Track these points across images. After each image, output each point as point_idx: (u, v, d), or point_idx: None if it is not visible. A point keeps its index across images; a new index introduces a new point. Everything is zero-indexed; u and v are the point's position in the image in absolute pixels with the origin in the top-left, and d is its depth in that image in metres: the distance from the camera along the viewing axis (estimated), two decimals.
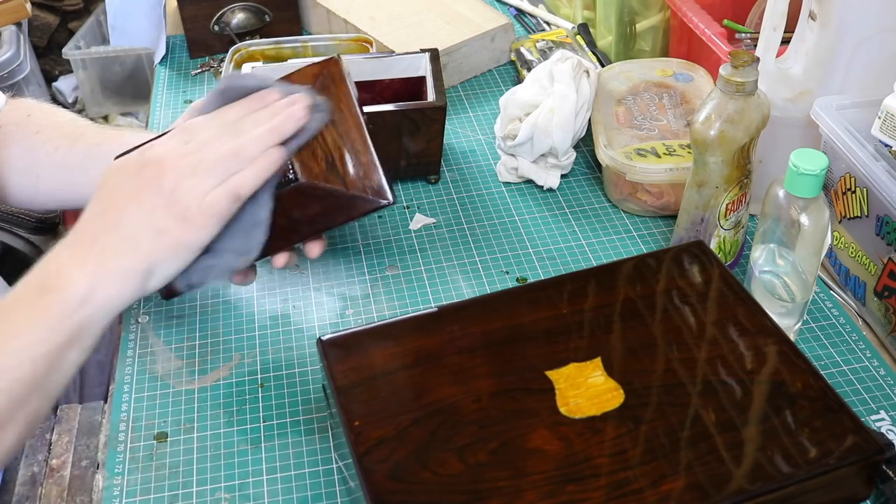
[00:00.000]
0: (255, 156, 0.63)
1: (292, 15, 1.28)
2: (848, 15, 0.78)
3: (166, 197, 0.61)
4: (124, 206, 0.62)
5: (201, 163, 0.62)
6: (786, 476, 0.55)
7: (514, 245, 0.91)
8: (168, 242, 0.61)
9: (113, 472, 0.69)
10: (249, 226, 0.66)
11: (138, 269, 0.61)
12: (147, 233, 0.61)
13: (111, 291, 0.60)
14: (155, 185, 0.61)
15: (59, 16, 2.37)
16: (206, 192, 0.61)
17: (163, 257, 0.62)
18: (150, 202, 0.61)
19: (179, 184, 0.61)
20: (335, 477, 0.69)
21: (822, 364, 0.77)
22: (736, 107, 0.73)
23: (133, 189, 0.62)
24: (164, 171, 0.61)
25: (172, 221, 0.61)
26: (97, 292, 0.60)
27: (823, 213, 0.70)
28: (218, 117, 0.65)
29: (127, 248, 0.61)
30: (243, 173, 0.63)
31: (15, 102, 0.88)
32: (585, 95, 0.95)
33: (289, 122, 0.65)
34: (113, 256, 0.61)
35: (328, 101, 0.68)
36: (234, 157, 0.63)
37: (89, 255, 0.61)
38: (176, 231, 0.61)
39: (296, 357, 0.79)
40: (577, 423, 0.59)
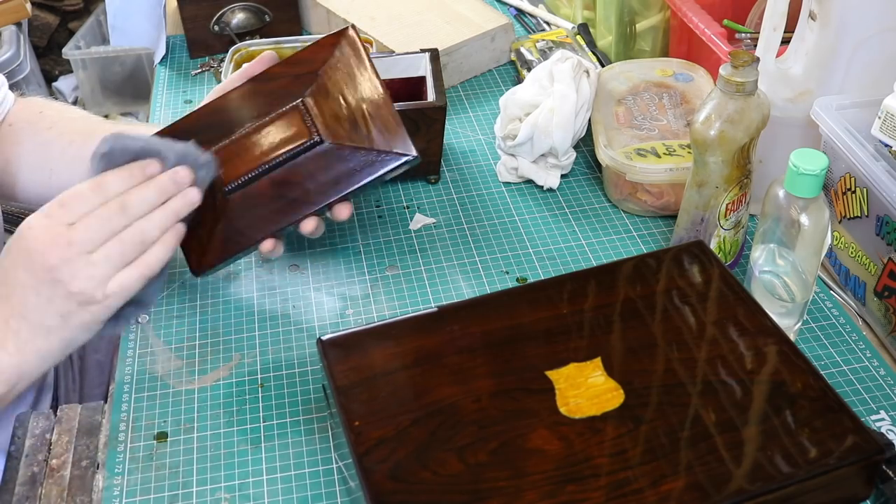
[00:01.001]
0: (157, 237, 0.63)
1: (292, 15, 1.28)
2: (848, 15, 0.78)
3: (64, 288, 0.61)
4: (24, 297, 0.62)
5: (97, 250, 0.61)
6: (786, 476, 0.55)
7: (514, 245, 0.91)
8: (76, 323, 0.62)
9: (113, 472, 0.69)
10: (158, 283, 0.67)
11: (54, 349, 0.63)
12: (54, 321, 0.62)
13: (33, 368, 0.64)
14: (48, 276, 0.60)
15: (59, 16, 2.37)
16: (108, 276, 0.61)
17: (75, 335, 0.63)
18: (46, 294, 0.61)
19: (75, 273, 0.60)
20: (335, 477, 0.69)
21: (822, 364, 0.77)
22: (736, 107, 0.73)
23: (27, 281, 0.61)
24: (53, 264, 0.60)
25: (76, 306, 0.62)
26: (23, 368, 0.63)
27: (823, 213, 0.70)
28: (98, 190, 0.63)
29: (39, 333, 0.62)
30: (152, 253, 0.63)
31: (25, 101, 0.89)
32: (585, 95, 0.95)
33: (184, 205, 0.65)
34: (28, 340, 0.62)
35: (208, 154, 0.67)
36: (137, 243, 0.62)
37: (6, 337, 0.62)
38: (82, 314, 0.62)
39: (296, 357, 0.79)
40: (577, 423, 0.59)
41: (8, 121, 0.87)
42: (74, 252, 0.61)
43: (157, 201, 0.64)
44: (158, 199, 0.64)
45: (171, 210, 0.64)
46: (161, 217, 0.64)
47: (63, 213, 0.62)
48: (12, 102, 0.88)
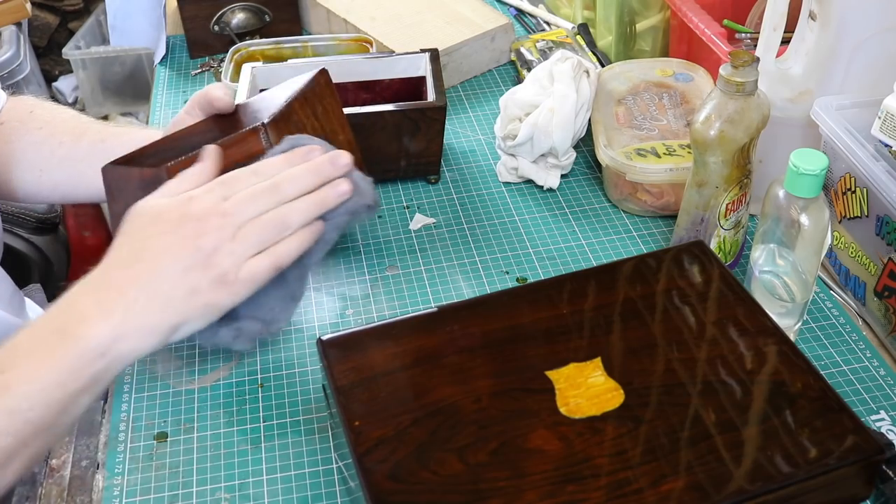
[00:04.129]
0: (297, 226, 0.62)
1: (292, 15, 1.28)
2: (848, 15, 0.78)
3: (204, 258, 0.59)
4: (159, 261, 0.59)
5: (243, 227, 0.60)
6: (786, 476, 0.55)
7: (514, 245, 0.91)
8: (199, 303, 0.59)
9: (113, 472, 0.69)
10: (285, 296, 0.65)
11: (164, 327, 0.59)
12: (180, 292, 0.59)
13: (133, 345, 0.59)
14: (194, 244, 0.59)
15: (59, 16, 2.37)
16: (245, 257, 0.60)
17: (192, 316, 0.60)
18: (187, 261, 0.59)
19: (219, 246, 0.59)
20: (335, 477, 0.69)
21: (822, 364, 0.77)
22: (736, 107, 0.73)
23: (170, 244, 0.59)
24: (204, 231, 0.59)
25: (207, 283, 0.59)
26: (119, 345, 0.58)
27: (823, 213, 0.70)
28: (258, 171, 0.63)
29: (157, 305, 0.59)
30: (286, 244, 0.61)
31: (16, 100, 0.89)
32: (585, 95, 0.95)
33: (333, 196, 0.63)
34: (141, 312, 0.59)
35: (367, 179, 0.67)
36: (276, 226, 0.61)
37: (116, 306, 0.58)
38: (209, 293, 0.59)
39: (296, 357, 0.79)
40: (577, 423, 0.59)
41: (0, 119, 0.87)
42: (227, 223, 0.60)
43: (310, 184, 0.63)
44: (311, 181, 0.63)
45: (318, 199, 0.63)
46: (306, 204, 0.62)
47: (222, 190, 0.62)
48: (4, 101, 0.88)
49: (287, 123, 0.74)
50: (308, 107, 0.75)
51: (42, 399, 0.57)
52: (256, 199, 0.61)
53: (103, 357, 0.58)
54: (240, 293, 0.60)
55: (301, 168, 0.63)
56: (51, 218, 1.43)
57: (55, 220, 1.44)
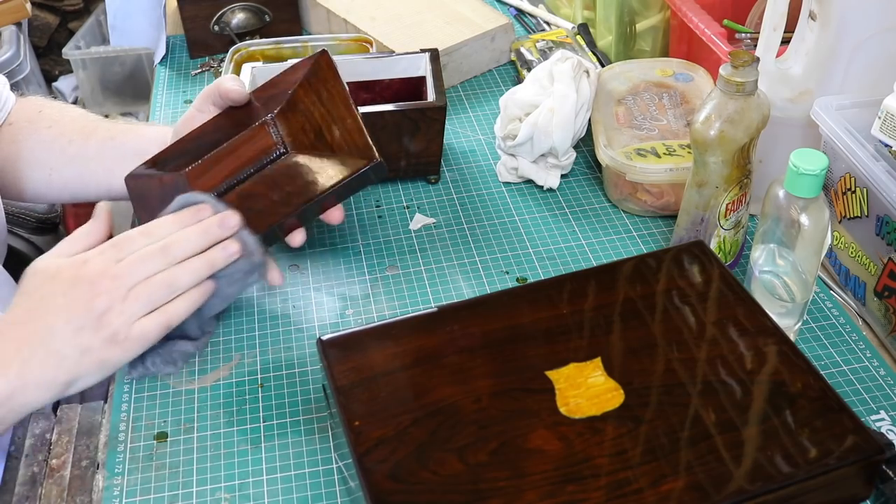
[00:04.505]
0: (187, 286, 0.64)
1: (292, 15, 1.28)
2: (848, 15, 0.78)
3: (96, 319, 0.61)
4: (53, 322, 0.62)
5: (133, 288, 0.62)
6: (786, 476, 0.55)
7: (514, 245, 0.91)
8: (92, 360, 0.62)
9: (113, 472, 0.69)
10: (192, 338, 0.68)
11: (59, 382, 0.62)
12: (73, 350, 0.62)
13: (28, 399, 0.62)
14: (85, 306, 0.61)
15: (59, 16, 2.37)
16: (136, 317, 0.62)
17: (85, 372, 0.63)
18: (78, 322, 0.61)
19: (111, 307, 0.62)
20: (335, 477, 0.69)
21: (822, 364, 0.77)
22: (736, 107, 0.73)
23: (64, 305, 0.62)
24: (96, 294, 0.62)
25: (99, 342, 0.62)
26: (15, 399, 0.61)
27: (823, 213, 0.70)
28: (149, 233, 0.65)
29: (51, 362, 0.62)
30: (176, 303, 0.64)
31: (25, 100, 0.89)
32: (585, 95, 0.95)
33: (221, 257, 0.66)
34: (36, 368, 0.61)
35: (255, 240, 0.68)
36: (166, 287, 0.63)
37: (12, 362, 0.61)
38: (101, 351, 0.62)
39: (296, 357, 0.79)
40: (577, 423, 0.59)
41: (8, 120, 0.87)
42: (118, 285, 0.62)
43: (199, 244, 0.65)
44: (200, 242, 0.65)
45: (207, 260, 0.65)
46: (195, 266, 0.64)
47: (114, 252, 0.64)
48: (13, 102, 0.88)
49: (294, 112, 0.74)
50: (312, 93, 0.75)
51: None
52: (146, 260, 0.63)
53: (0, 408, 0.61)
54: (131, 350, 0.63)
55: (190, 230, 0.65)
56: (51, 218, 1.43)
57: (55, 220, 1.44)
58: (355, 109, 0.75)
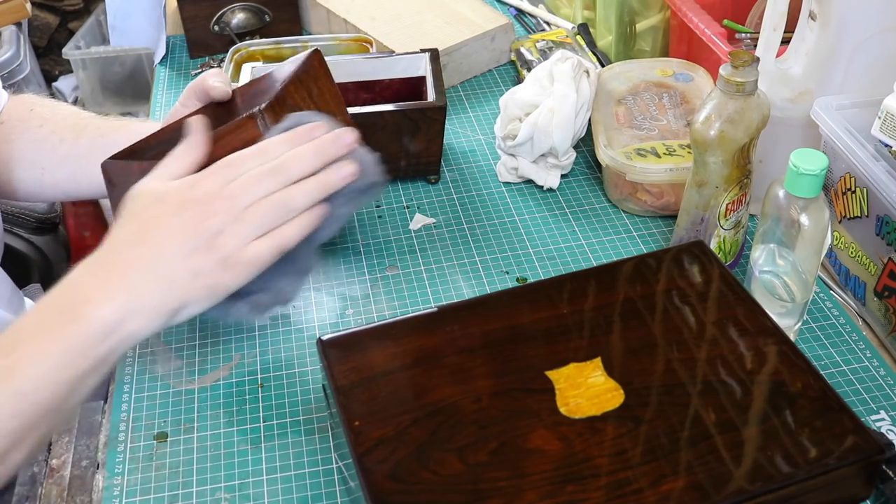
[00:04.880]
0: (301, 208, 0.62)
1: (292, 15, 1.28)
2: (848, 15, 0.78)
3: (209, 240, 0.59)
4: (163, 243, 0.59)
5: (247, 209, 0.60)
6: (786, 476, 0.55)
7: (514, 245, 0.91)
8: (203, 285, 0.60)
9: (113, 472, 0.69)
10: (295, 271, 0.65)
11: (168, 308, 0.60)
12: (184, 273, 0.59)
13: (138, 326, 0.59)
14: (198, 226, 0.59)
15: (59, 16, 2.37)
16: (249, 239, 0.60)
17: (195, 298, 0.60)
18: (192, 243, 0.59)
19: (224, 229, 0.59)
20: (335, 477, 0.69)
21: (822, 364, 0.77)
22: (736, 107, 0.73)
23: (175, 227, 0.60)
24: (209, 214, 0.59)
25: (211, 265, 0.59)
26: (124, 326, 0.58)
27: (823, 213, 0.70)
28: (261, 153, 0.63)
29: (161, 287, 0.59)
30: (289, 227, 0.61)
31: (17, 98, 0.89)
32: (585, 95, 0.95)
33: (337, 178, 0.63)
34: (145, 294, 0.59)
35: (372, 157, 0.67)
36: (280, 208, 0.61)
37: (120, 287, 0.59)
38: (213, 275, 0.60)
39: (296, 357, 0.79)
40: (577, 423, 0.59)
41: (0, 119, 0.87)
42: (231, 206, 0.60)
43: (314, 164, 0.62)
44: (315, 162, 0.62)
45: (323, 181, 0.62)
46: (310, 187, 0.62)
47: (227, 172, 0.61)
48: (5, 100, 0.88)
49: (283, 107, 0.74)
50: (303, 89, 0.75)
51: (49, 381, 0.57)
52: (260, 181, 0.61)
53: (109, 338, 0.58)
54: (243, 275, 0.60)
55: (305, 149, 0.63)
56: (51, 218, 1.43)
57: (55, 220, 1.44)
58: (345, 109, 0.75)
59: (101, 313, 0.58)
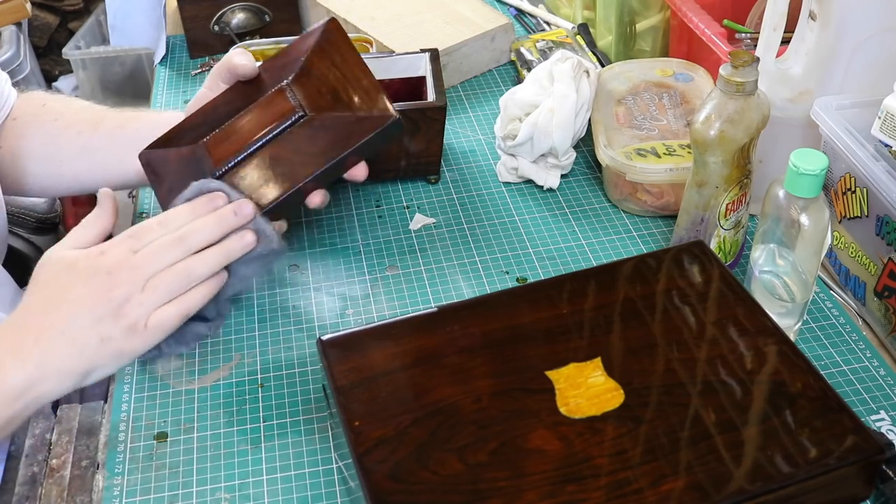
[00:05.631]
0: (203, 276, 0.65)
1: (292, 15, 1.28)
2: (848, 15, 0.78)
3: (115, 309, 0.62)
4: (72, 312, 0.62)
5: (151, 279, 0.63)
6: (786, 476, 0.55)
7: (514, 245, 0.91)
8: (111, 350, 0.62)
9: (113, 472, 0.69)
10: (208, 320, 0.69)
11: (77, 372, 0.62)
12: (92, 340, 0.62)
13: (47, 389, 0.62)
14: (105, 296, 0.62)
15: (59, 16, 2.37)
16: (154, 307, 0.63)
17: (103, 362, 0.63)
18: (98, 312, 0.62)
19: (130, 297, 0.62)
20: (335, 477, 0.69)
21: (822, 364, 0.77)
22: (736, 107, 0.73)
23: (82, 296, 0.62)
24: (114, 284, 0.62)
25: (118, 332, 0.62)
26: (35, 389, 0.61)
27: (823, 213, 0.70)
28: (166, 223, 0.66)
29: (71, 352, 0.62)
30: (193, 293, 0.64)
31: (27, 95, 0.89)
32: (585, 95, 0.95)
33: (238, 247, 0.66)
34: (56, 358, 0.62)
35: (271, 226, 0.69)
36: (183, 277, 0.64)
37: (31, 352, 0.61)
38: (121, 341, 0.62)
39: (296, 357, 0.79)
40: (577, 423, 0.59)
41: (12, 115, 0.87)
42: (136, 276, 0.63)
43: (215, 234, 0.66)
44: (216, 232, 0.66)
45: (224, 250, 0.66)
46: (211, 256, 0.65)
47: (133, 242, 0.64)
48: (16, 98, 0.88)
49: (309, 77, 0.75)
50: (326, 58, 0.76)
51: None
52: (164, 251, 0.64)
53: (18, 400, 0.61)
54: (150, 340, 0.63)
55: (206, 220, 0.66)
56: (51, 218, 1.43)
57: (55, 220, 1.44)
58: (370, 72, 0.76)
59: (12, 377, 0.61)
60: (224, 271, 0.66)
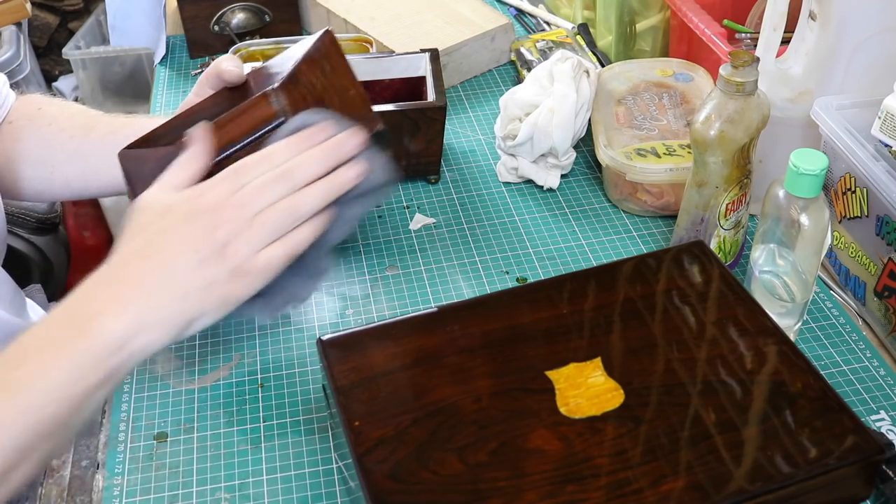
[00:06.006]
0: (309, 213, 0.61)
1: (292, 15, 1.28)
2: (848, 15, 0.78)
3: (219, 250, 0.58)
4: (174, 255, 0.58)
5: (256, 217, 0.59)
6: (786, 476, 0.55)
7: (514, 245, 0.91)
8: (215, 295, 0.59)
9: (113, 472, 0.69)
10: (308, 274, 0.65)
11: (180, 320, 0.58)
12: (196, 285, 0.58)
13: (149, 339, 0.58)
14: (208, 236, 0.58)
15: (59, 16, 2.37)
16: (259, 247, 0.59)
17: (208, 309, 0.59)
18: (202, 254, 0.58)
19: (234, 237, 0.59)
20: (335, 477, 0.69)
21: (822, 364, 0.77)
22: (736, 107, 0.73)
23: (184, 237, 0.59)
24: (218, 223, 0.59)
25: (223, 275, 0.58)
26: (135, 340, 0.57)
27: (823, 213, 0.70)
28: (269, 158, 0.62)
29: (173, 299, 0.58)
30: (300, 231, 0.61)
31: (24, 98, 0.89)
32: (585, 95, 0.95)
33: (345, 180, 0.63)
34: (157, 306, 0.58)
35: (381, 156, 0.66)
36: (289, 215, 0.60)
37: (131, 301, 0.57)
38: (225, 285, 0.59)
39: (296, 357, 0.79)
40: (577, 423, 0.59)
41: (8, 118, 0.87)
42: (240, 214, 0.59)
43: (322, 168, 0.62)
44: (323, 166, 0.62)
45: (331, 184, 0.62)
46: (318, 191, 0.61)
47: (234, 180, 0.61)
48: (13, 100, 0.88)
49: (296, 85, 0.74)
50: (316, 67, 0.75)
51: (58, 396, 0.56)
52: (269, 187, 0.60)
53: (120, 352, 0.57)
54: (256, 283, 0.60)
55: (312, 153, 0.62)
56: (51, 218, 1.43)
57: (55, 220, 1.44)
58: (359, 84, 0.74)
59: (112, 327, 0.57)
60: (333, 207, 0.62)
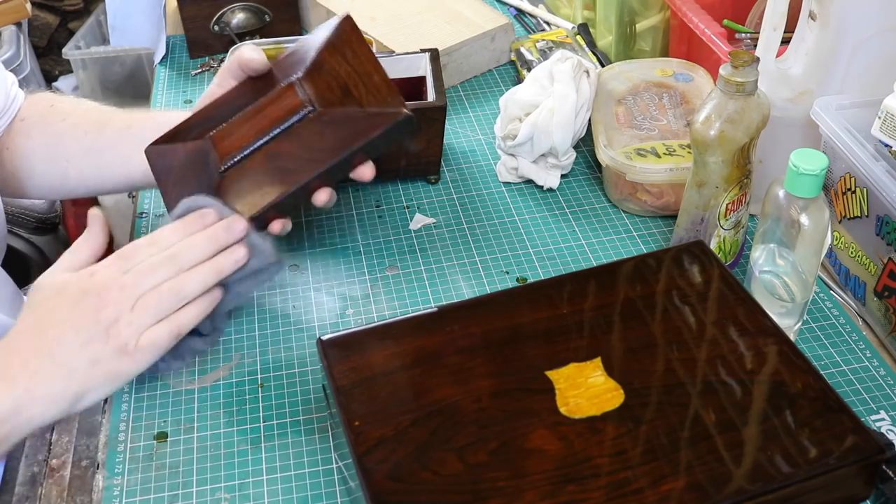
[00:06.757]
0: (194, 294, 0.63)
1: (292, 15, 1.28)
2: (848, 15, 0.78)
3: (104, 330, 0.61)
4: (61, 334, 0.61)
5: (141, 298, 0.62)
6: (786, 476, 0.55)
7: (514, 245, 0.91)
8: (102, 372, 0.61)
9: (113, 472, 0.69)
10: (207, 334, 0.68)
11: (68, 396, 0.61)
12: (82, 362, 0.61)
13: (35, 414, 0.60)
14: (95, 316, 0.61)
15: (59, 16, 2.37)
16: (144, 327, 0.62)
17: (95, 385, 0.62)
18: (87, 334, 0.61)
19: (119, 318, 0.61)
20: (335, 477, 0.69)
21: (822, 364, 0.77)
22: (736, 107, 0.73)
23: (71, 317, 0.61)
24: (103, 304, 0.61)
25: (109, 353, 0.61)
26: (22, 414, 0.60)
27: (823, 213, 0.70)
28: (156, 242, 0.65)
29: (59, 374, 0.60)
30: (184, 311, 0.63)
31: (34, 96, 0.89)
32: (585, 95, 0.95)
33: (229, 263, 0.65)
34: (44, 382, 0.60)
35: (266, 241, 0.68)
36: (174, 295, 0.62)
37: (19, 376, 0.60)
38: (112, 362, 0.61)
39: (296, 357, 0.79)
40: (577, 423, 0.59)
41: (20, 116, 0.87)
42: (126, 295, 0.62)
43: (206, 252, 0.64)
44: (207, 250, 0.65)
45: (214, 267, 0.64)
46: (201, 274, 0.64)
47: (121, 263, 0.63)
48: (23, 99, 0.88)
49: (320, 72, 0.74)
50: (337, 53, 0.75)
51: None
52: (154, 270, 0.63)
53: (4, 424, 0.60)
54: (142, 360, 0.62)
55: (197, 237, 0.65)
56: (51, 218, 1.43)
57: (55, 220, 1.44)
58: (382, 69, 0.74)
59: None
60: (218, 288, 0.65)
